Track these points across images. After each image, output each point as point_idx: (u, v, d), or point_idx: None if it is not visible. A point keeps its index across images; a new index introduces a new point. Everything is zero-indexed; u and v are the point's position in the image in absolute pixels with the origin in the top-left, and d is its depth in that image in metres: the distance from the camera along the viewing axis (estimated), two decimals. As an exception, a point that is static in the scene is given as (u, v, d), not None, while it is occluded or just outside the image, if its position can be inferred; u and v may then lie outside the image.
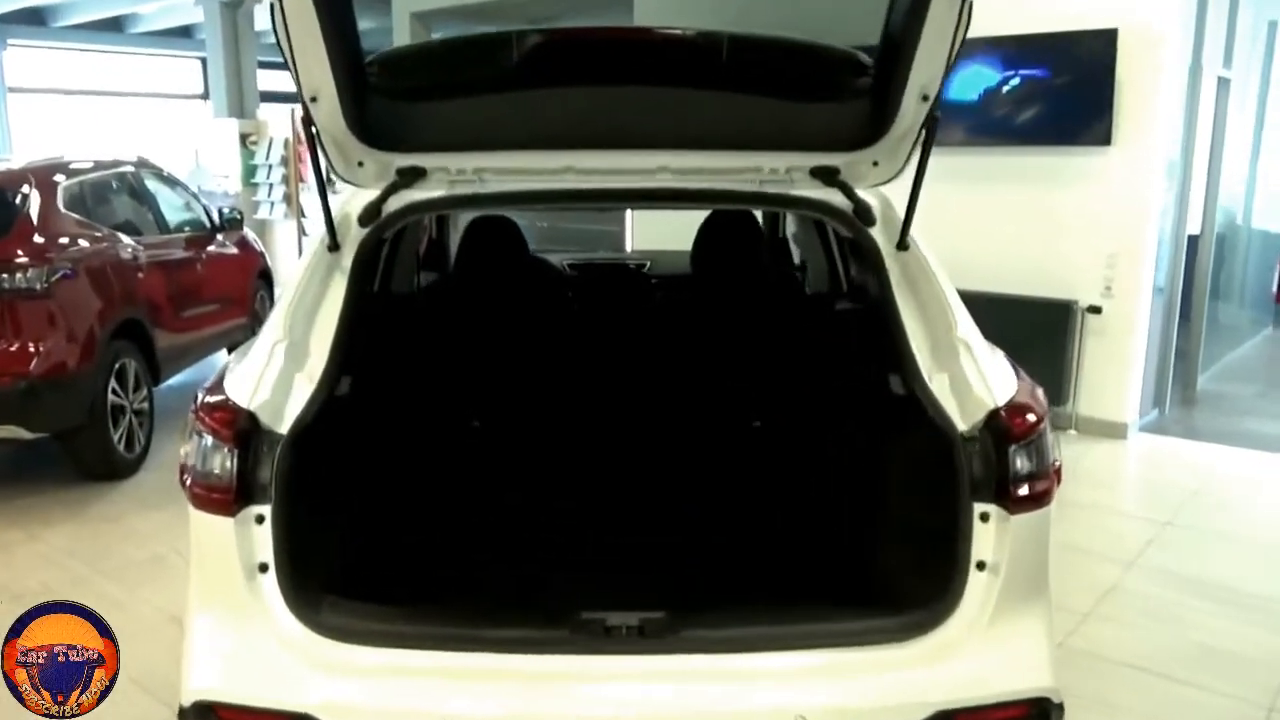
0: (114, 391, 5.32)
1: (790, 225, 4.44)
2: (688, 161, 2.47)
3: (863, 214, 2.45)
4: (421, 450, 3.15)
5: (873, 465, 2.55)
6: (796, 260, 4.33)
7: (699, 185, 2.52)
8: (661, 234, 5.43)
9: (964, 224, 6.18)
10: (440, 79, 2.48)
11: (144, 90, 15.19)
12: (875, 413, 2.51)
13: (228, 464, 1.98)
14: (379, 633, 2.01)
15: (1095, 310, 6.24)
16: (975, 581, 2.00)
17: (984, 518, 2.01)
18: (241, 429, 2.00)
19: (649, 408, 3.43)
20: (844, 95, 2.44)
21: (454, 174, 2.48)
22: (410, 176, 2.45)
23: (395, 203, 2.46)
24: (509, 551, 2.83)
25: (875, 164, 2.48)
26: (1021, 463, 2.01)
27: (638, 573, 2.59)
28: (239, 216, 7.56)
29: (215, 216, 7.25)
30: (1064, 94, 6.14)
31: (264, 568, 1.99)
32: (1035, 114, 6.29)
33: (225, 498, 1.98)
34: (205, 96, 14.10)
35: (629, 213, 7.76)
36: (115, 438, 5.32)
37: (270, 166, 11.83)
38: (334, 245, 2.42)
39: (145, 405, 5.68)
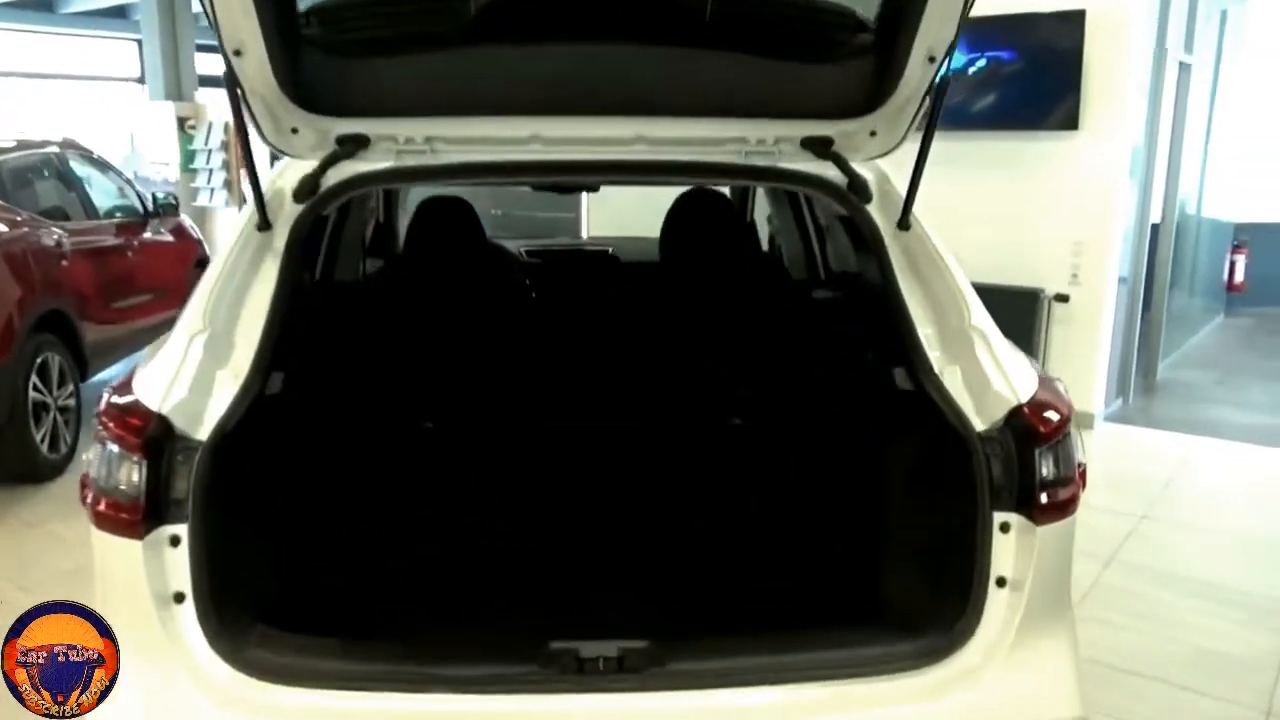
0: (35, 388, 4.98)
1: (762, 207, 4.21)
2: (667, 131, 2.23)
3: (858, 189, 2.23)
4: (367, 455, 2.85)
5: (874, 469, 2.32)
6: (765, 246, 4.13)
7: (679, 158, 2.27)
8: (620, 218, 5.20)
9: (927, 211, 6.02)
10: (386, 32, 2.19)
11: (77, 73, 14.58)
12: (877, 410, 2.28)
13: (135, 477, 1.71)
14: (316, 671, 1.74)
15: (1063, 299, 6.13)
16: (995, 600, 1.80)
17: (1004, 528, 1.80)
18: (151, 436, 1.72)
19: (619, 406, 3.15)
20: (841, 56, 2.20)
21: (402, 143, 2.21)
22: (352, 145, 2.18)
23: (335, 175, 2.18)
24: (466, 569, 2.56)
25: (873, 134, 2.26)
26: (1047, 467, 1.81)
27: (613, 592, 2.35)
28: (174, 201, 7.20)
29: (149, 202, 6.89)
30: (1031, 77, 6.01)
31: (180, 598, 1.72)
32: (1001, 97, 6.16)
33: (133, 517, 1.71)
34: (142, 80, 13.55)
35: (584, 197, 7.47)
36: (37, 437, 4.98)
37: (210, 152, 11.38)
38: (264, 224, 2.13)
39: (71, 402, 5.34)
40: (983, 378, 1.90)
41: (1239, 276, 10.81)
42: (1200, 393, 7.46)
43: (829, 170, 2.26)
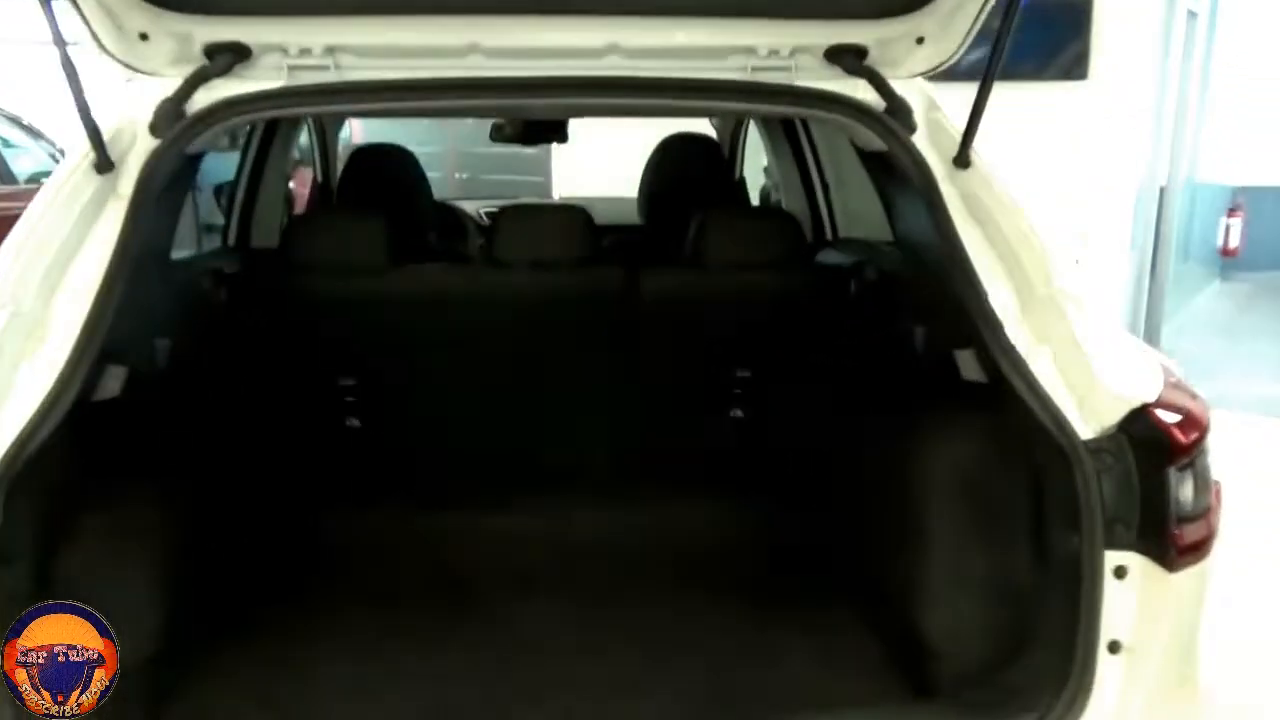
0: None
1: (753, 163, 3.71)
2: (649, 38, 1.73)
3: (899, 114, 1.73)
4: (265, 466, 2.27)
5: (930, 489, 1.77)
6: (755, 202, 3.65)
7: (664, 74, 1.76)
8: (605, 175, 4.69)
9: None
10: None
11: (18, 37, 13.88)
12: (934, 408, 1.77)
13: None
14: None
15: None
16: (1108, 671, 1.36)
17: (1120, 573, 1.35)
18: None
19: (594, 403, 2.52)
20: None
21: (294, 54, 1.70)
22: (227, 58, 1.67)
23: (204, 98, 1.67)
24: (388, 629, 2.00)
25: (920, 41, 1.78)
26: (1184, 492, 1.35)
27: (588, 662, 1.83)
28: (105, 164, 6.69)
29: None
30: (1037, 22, 5.59)
31: None
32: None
33: None
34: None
35: (554, 149, 6.88)
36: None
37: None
38: (104, 163, 1.61)
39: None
40: (1084, 365, 1.45)
41: (1233, 241, 10.51)
42: (1206, 364, 7.11)
43: (862, 91, 1.77)
